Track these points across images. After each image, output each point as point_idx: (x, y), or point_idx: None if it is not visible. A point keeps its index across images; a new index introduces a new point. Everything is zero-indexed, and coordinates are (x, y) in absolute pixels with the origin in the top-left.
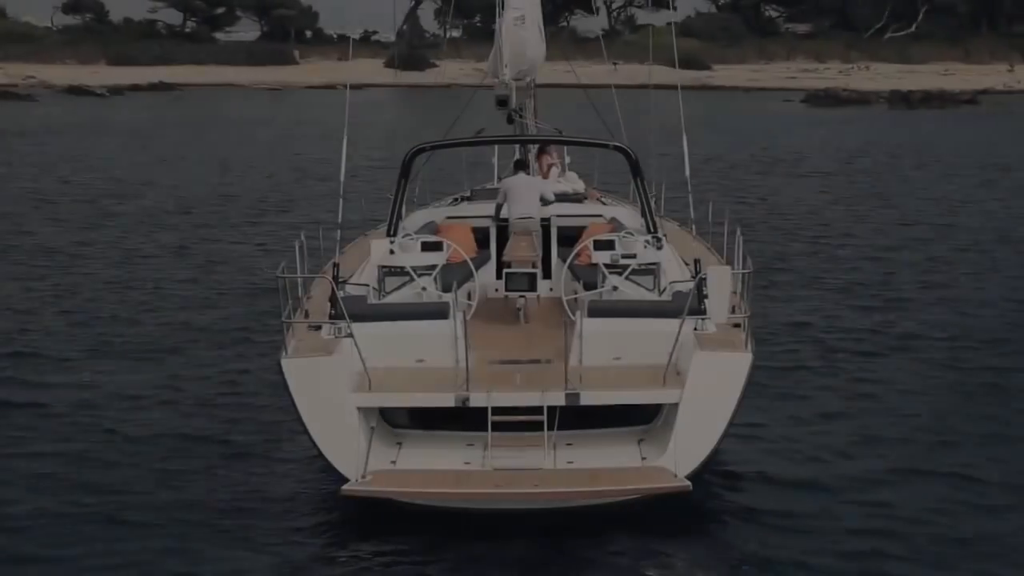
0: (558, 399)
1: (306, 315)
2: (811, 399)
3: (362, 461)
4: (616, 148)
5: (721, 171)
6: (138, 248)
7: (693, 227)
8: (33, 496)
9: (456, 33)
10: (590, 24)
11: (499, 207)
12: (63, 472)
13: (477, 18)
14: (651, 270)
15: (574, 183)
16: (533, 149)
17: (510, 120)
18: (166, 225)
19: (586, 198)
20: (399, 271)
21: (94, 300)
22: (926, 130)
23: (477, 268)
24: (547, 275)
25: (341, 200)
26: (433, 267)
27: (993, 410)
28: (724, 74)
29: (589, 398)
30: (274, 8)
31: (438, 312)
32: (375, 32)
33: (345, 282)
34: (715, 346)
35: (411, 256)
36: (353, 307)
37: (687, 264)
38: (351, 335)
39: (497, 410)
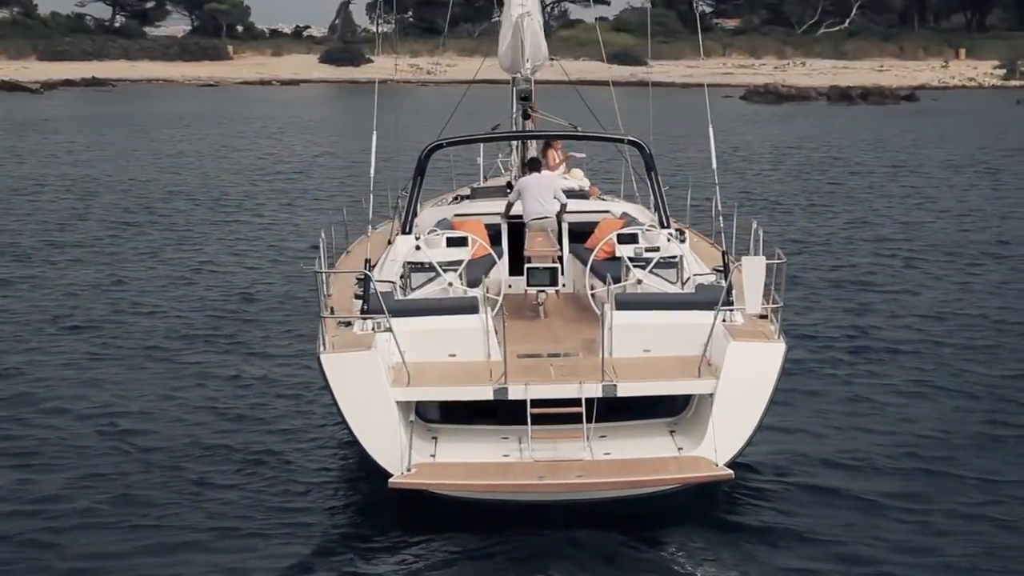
0: (595, 391)
1: (331, 311)
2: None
3: (405, 454)
4: (631, 143)
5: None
6: (110, 248)
7: (721, 220)
8: (79, 493)
9: (388, 28)
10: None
11: (510, 205)
12: (98, 473)
13: (410, 13)
14: (673, 263)
15: (579, 179)
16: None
17: (526, 115)
18: (133, 225)
19: (589, 195)
20: (426, 267)
21: (103, 303)
22: (884, 126)
23: (492, 264)
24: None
25: (372, 195)
26: (459, 262)
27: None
28: (660, 70)
29: (626, 389)
30: (206, 2)
31: (469, 307)
32: (307, 27)
33: (359, 281)
34: (749, 337)
35: (437, 252)
36: (386, 303)
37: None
38: (390, 330)
39: (535, 403)
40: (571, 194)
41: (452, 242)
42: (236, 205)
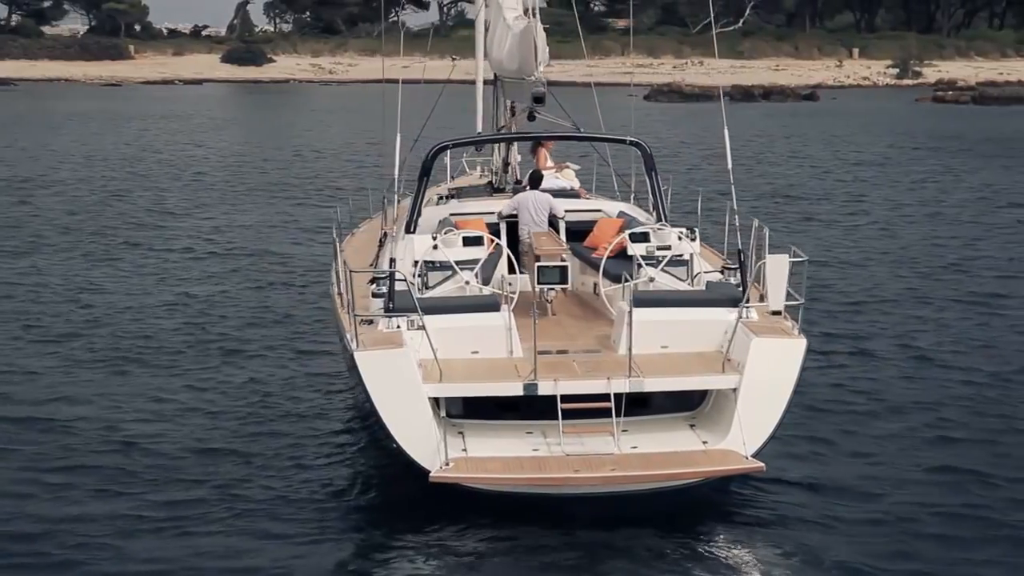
0: (623, 386)
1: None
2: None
3: (440, 449)
4: (632, 143)
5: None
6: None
7: (737, 219)
8: (104, 489)
9: (286, 28)
10: (420, 19)
11: (502, 216)
12: (130, 476)
13: (307, 14)
14: (684, 261)
15: (571, 179)
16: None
17: (531, 117)
18: (66, 229)
19: (580, 194)
20: (444, 265)
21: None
22: (796, 122)
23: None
24: None
25: (396, 195)
26: (475, 261)
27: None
28: (559, 69)
29: (653, 384)
30: (104, 2)
31: (491, 305)
32: (206, 27)
33: (378, 279)
34: (771, 333)
35: (455, 251)
36: (409, 301)
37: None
38: (422, 327)
39: (565, 398)
40: (563, 193)
41: (468, 241)
42: (192, 204)
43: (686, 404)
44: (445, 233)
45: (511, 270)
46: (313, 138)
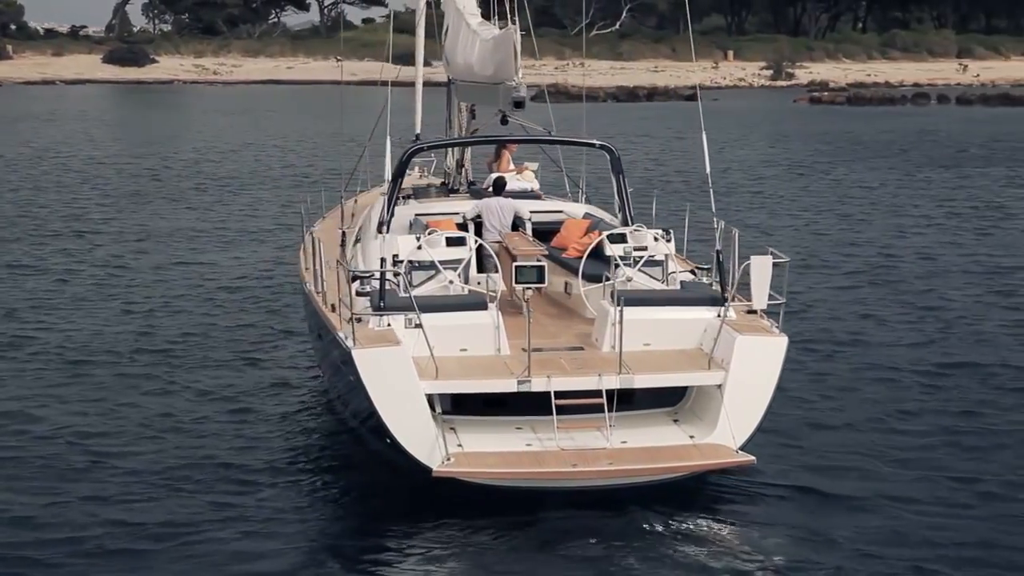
0: (614, 383)
1: (332, 308)
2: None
3: (439, 445)
4: (601, 147)
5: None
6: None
7: (716, 221)
8: (106, 494)
9: (166, 27)
10: (301, 19)
11: (467, 218)
12: (136, 481)
13: (186, 16)
14: (659, 262)
15: (531, 181)
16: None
17: (504, 120)
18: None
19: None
20: (428, 265)
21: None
22: (688, 122)
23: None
24: None
25: (385, 198)
26: (459, 261)
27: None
28: (441, 69)
29: (642, 381)
30: None
31: (479, 303)
32: (84, 27)
33: (362, 278)
34: (754, 331)
35: (439, 251)
36: (397, 300)
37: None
38: (419, 326)
39: (558, 394)
40: (524, 194)
41: (451, 241)
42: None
43: (667, 400)
44: (429, 233)
45: (478, 271)
46: (219, 139)
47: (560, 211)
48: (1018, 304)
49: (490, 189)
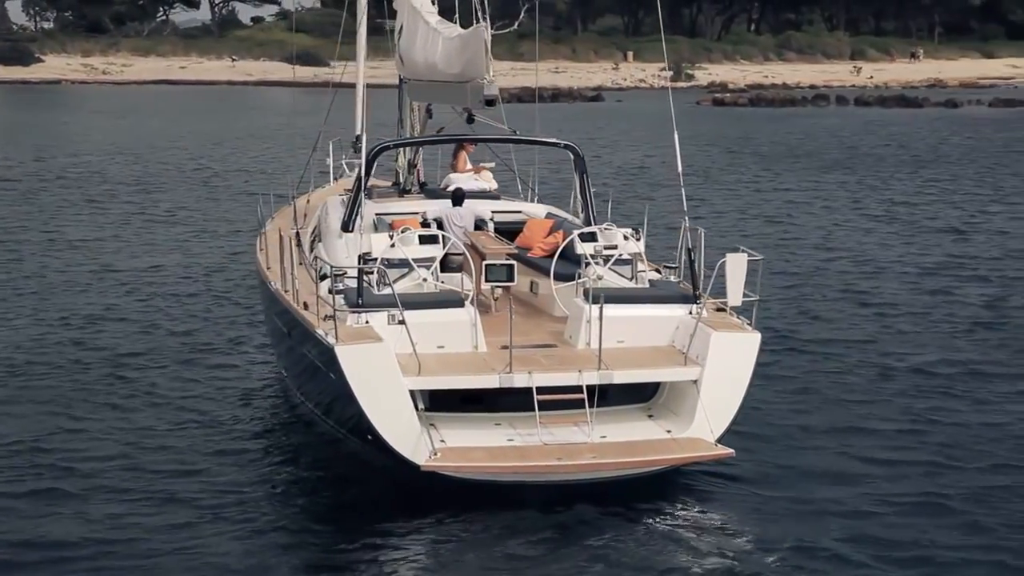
0: (594, 378)
1: (305, 306)
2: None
3: (424, 440)
4: (566, 147)
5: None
6: None
7: (687, 219)
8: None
9: (48, 25)
10: (191, 17)
11: (430, 219)
12: (119, 477)
13: (69, 13)
14: (628, 261)
15: (489, 181)
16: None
17: (470, 120)
18: None
19: (499, 196)
20: (401, 263)
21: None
22: (598, 123)
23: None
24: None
25: (350, 197)
26: (432, 259)
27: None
28: (341, 70)
29: (621, 377)
30: None
31: (456, 301)
32: None
33: (340, 276)
34: (728, 327)
35: (412, 249)
36: (374, 298)
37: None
38: (402, 322)
39: (540, 390)
40: (483, 195)
41: (424, 240)
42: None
43: (640, 396)
44: (403, 231)
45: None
46: (119, 141)
47: (519, 211)
48: (949, 301)
49: (448, 189)
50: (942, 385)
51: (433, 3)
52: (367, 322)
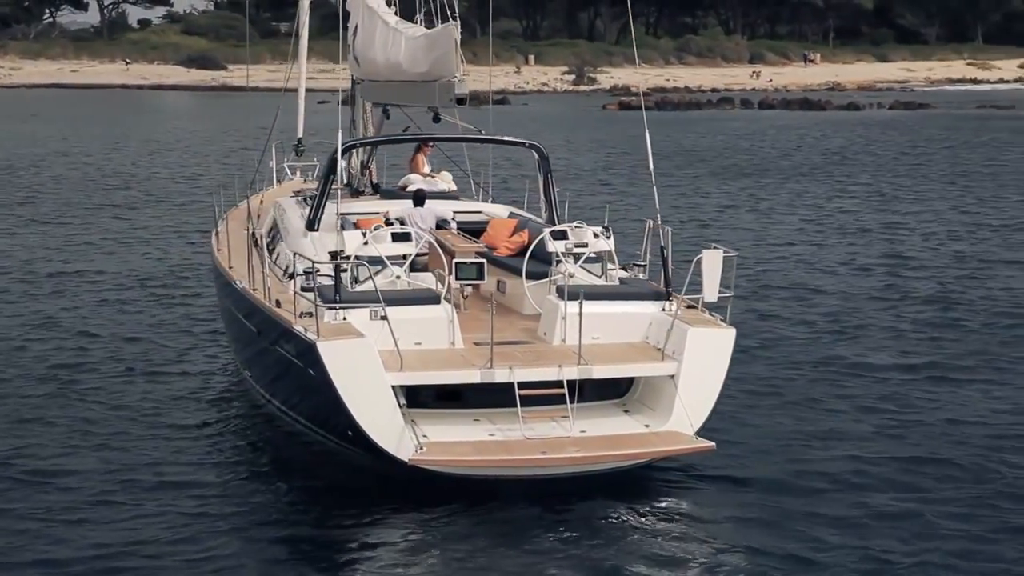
0: (574, 374)
1: (278, 304)
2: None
3: (408, 435)
4: (531, 147)
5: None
6: None
7: (659, 216)
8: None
9: None
10: (74, 19)
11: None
12: (106, 477)
13: None
14: (599, 259)
15: (448, 182)
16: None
17: (436, 119)
18: None
19: (458, 197)
20: (372, 261)
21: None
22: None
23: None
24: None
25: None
26: (405, 256)
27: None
28: (241, 74)
29: (600, 372)
30: None
31: (433, 298)
32: None
33: (313, 273)
34: (703, 323)
35: (385, 246)
36: (349, 295)
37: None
38: (384, 318)
39: (521, 385)
40: (442, 195)
41: (397, 237)
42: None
43: (614, 392)
44: (375, 229)
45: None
46: (21, 146)
47: (480, 211)
48: (888, 298)
49: (408, 189)
50: (903, 383)
51: (390, 4)
52: (344, 319)
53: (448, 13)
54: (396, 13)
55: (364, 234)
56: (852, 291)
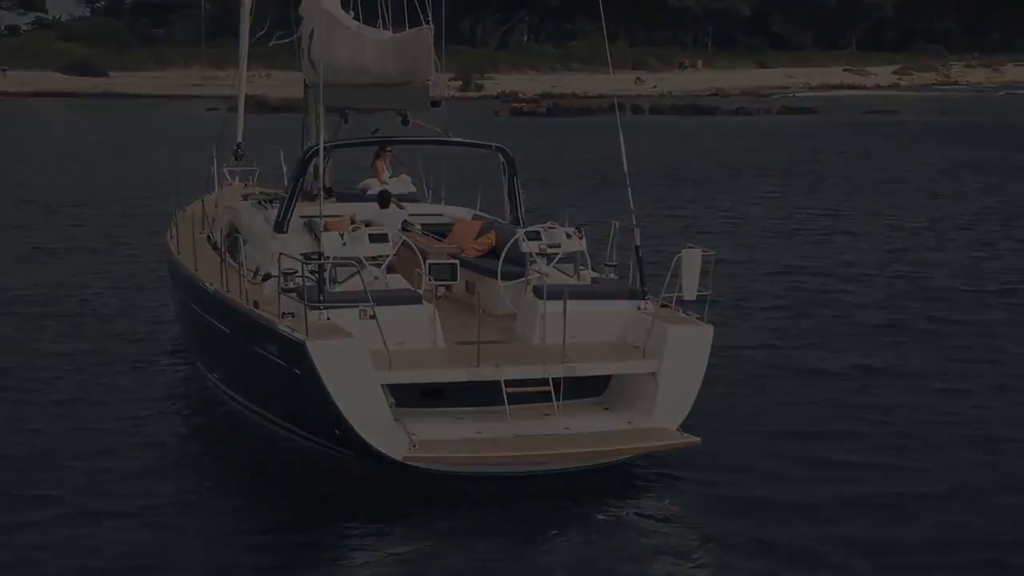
0: (559, 371)
1: (256, 305)
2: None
3: (398, 434)
4: (497, 149)
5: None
6: None
7: (633, 217)
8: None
9: None
10: None
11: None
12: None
13: None
14: (572, 259)
15: (407, 185)
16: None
17: (405, 122)
18: None
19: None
20: (353, 261)
21: None
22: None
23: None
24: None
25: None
26: (383, 257)
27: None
28: (125, 81)
29: (584, 370)
30: None
31: (415, 298)
32: None
33: (292, 274)
34: (682, 322)
35: (363, 247)
36: (331, 295)
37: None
38: (373, 317)
39: (508, 383)
40: (402, 198)
41: (374, 238)
42: None
43: (592, 390)
44: (353, 231)
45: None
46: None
47: (441, 214)
48: (832, 300)
49: (368, 192)
50: (869, 382)
51: (348, 9)
52: (328, 319)
53: (421, 17)
54: (356, 18)
55: (342, 235)
56: (795, 293)
